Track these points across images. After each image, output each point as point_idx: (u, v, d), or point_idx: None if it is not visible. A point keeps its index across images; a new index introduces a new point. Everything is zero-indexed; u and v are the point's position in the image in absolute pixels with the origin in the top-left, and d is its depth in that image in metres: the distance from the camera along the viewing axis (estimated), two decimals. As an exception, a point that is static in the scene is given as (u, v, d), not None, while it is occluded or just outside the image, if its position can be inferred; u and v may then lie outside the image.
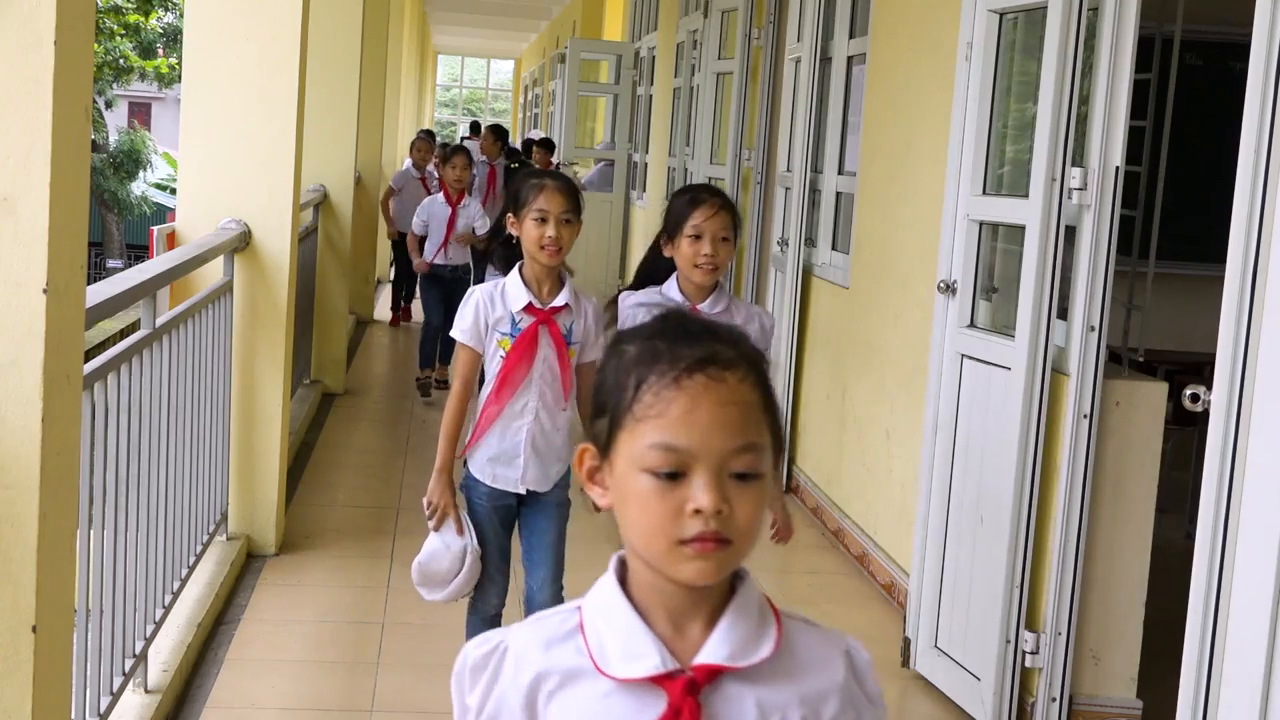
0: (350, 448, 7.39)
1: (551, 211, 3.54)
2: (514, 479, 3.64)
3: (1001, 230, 4.41)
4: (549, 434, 3.63)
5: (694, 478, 1.33)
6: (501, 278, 7.26)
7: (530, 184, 3.59)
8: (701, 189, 3.85)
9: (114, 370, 3.37)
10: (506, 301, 3.57)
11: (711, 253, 3.61)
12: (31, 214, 2.32)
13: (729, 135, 8.35)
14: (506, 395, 3.57)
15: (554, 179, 3.64)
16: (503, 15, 24.06)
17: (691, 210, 3.63)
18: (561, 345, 3.59)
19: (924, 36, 5.16)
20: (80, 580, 3.08)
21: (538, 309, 3.56)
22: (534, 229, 3.53)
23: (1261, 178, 2.80)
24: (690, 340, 1.39)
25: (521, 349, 3.54)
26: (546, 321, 3.56)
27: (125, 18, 26.38)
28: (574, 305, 3.63)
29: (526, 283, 3.58)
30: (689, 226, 3.62)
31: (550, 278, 3.60)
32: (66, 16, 2.33)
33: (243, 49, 5.10)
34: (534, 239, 3.53)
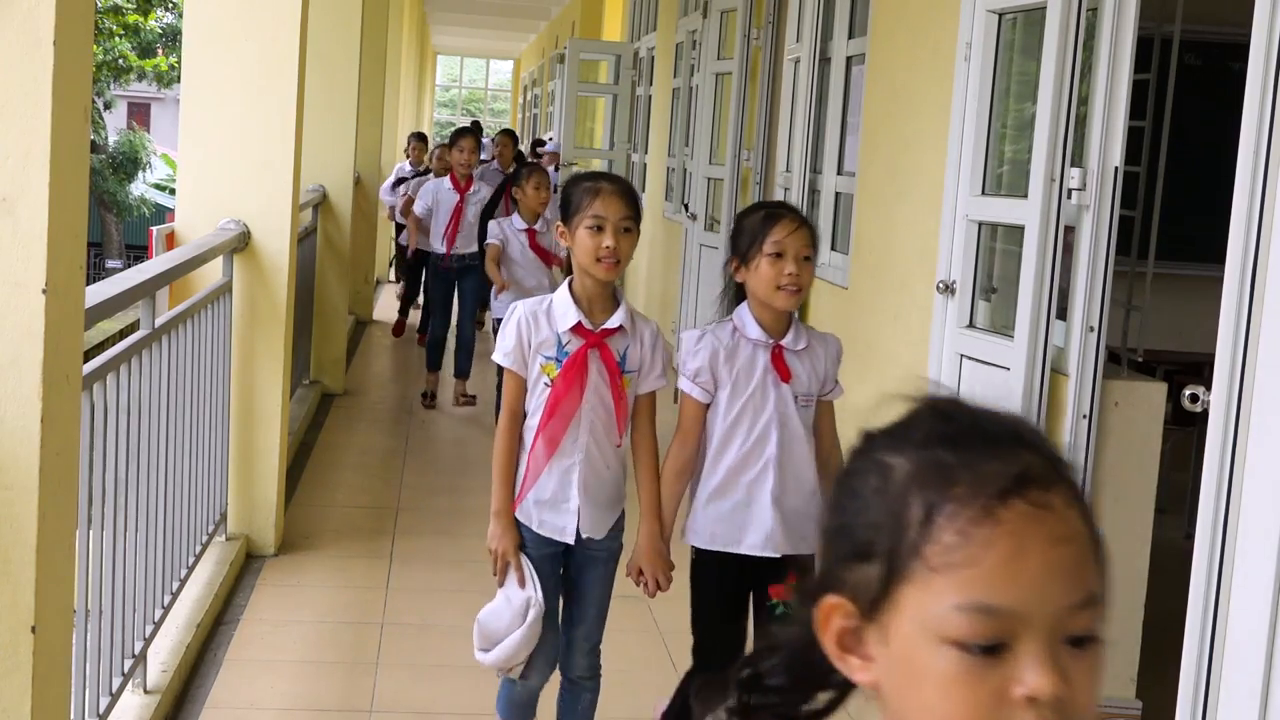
0: (349, 448, 7.39)
1: (609, 218, 3.14)
2: (564, 526, 3.23)
3: (1001, 230, 4.41)
4: (601, 474, 3.24)
5: (1021, 650, 0.95)
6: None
7: (583, 187, 3.22)
8: (776, 204, 3.48)
9: (113, 370, 3.37)
10: (552, 321, 3.17)
11: (796, 272, 3.20)
12: (31, 214, 2.32)
13: (728, 135, 8.35)
14: (556, 430, 3.18)
15: (610, 181, 3.27)
16: (502, 15, 24.05)
17: (770, 226, 3.23)
18: (615, 373, 3.20)
19: (923, 37, 5.16)
20: (79, 580, 3.08)
21: (588, 331, 3.16)
22: (588, 239, 3.14)
23: (1260, 177, 2.80)
24: (992, 447, 0.99)
25: (570, 377, 3.14)
26: (598, 345, 3.16)
27: (124, 18, 26.37)
28: (629, 328, 3.22)
29: (576, 300, 3.18)
30: (768, 244, 3.20)
31: (604, 295, 3.20)
32: (66, 17, 2.33)
33: (242, 49, 5.11)
34: (589, 250, 3.13)
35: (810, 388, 3.31)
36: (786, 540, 3.30)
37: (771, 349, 3.28)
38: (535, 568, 3.22)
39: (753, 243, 3.24)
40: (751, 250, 3.24)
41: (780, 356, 3.27)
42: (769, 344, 3.27)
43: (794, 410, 3.27)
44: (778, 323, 3.29)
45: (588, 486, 3.22)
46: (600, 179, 3.27)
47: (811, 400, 3.31)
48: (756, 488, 3.29)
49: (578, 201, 3.19)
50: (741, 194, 8.26)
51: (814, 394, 3.32)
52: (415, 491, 6.50)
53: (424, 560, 5.42)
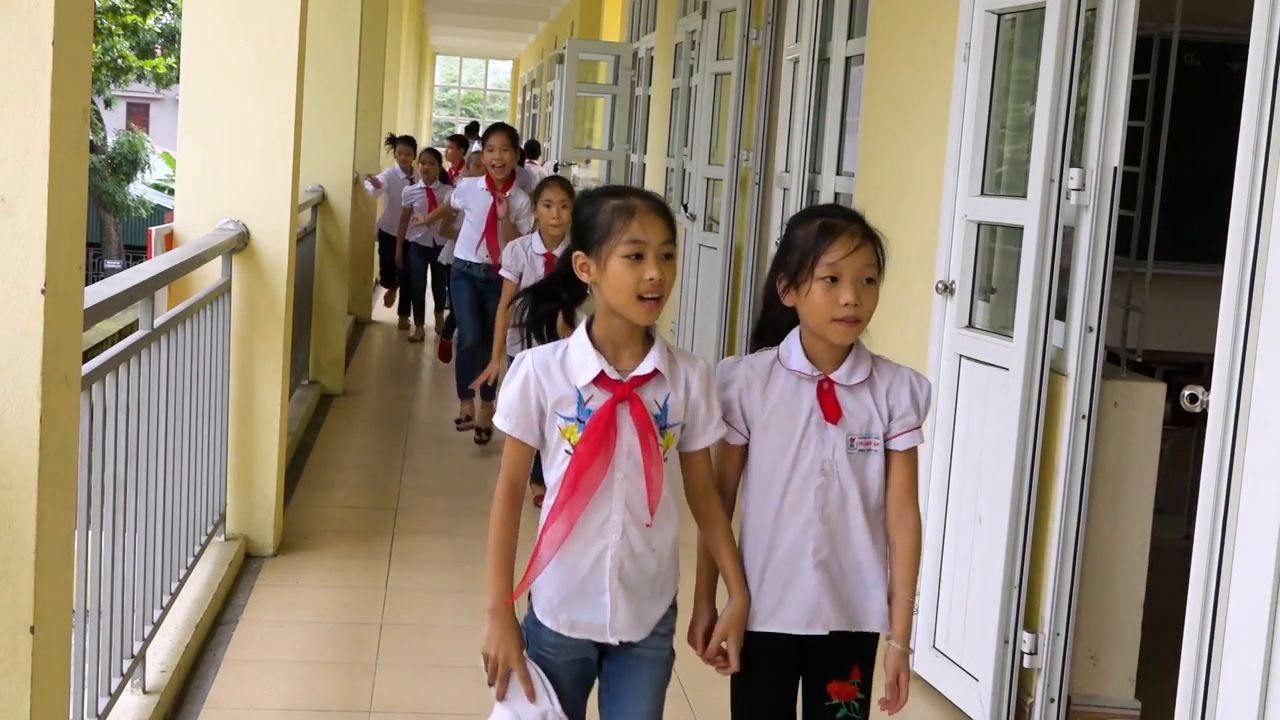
0: (348, 448, 7.39)
1: (650, 243, 2.53)
2: (598, 625, 2.61)
3: (1000, 231, 4.41)
4: (642, 559, 2.61)
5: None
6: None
7: (611, 206, 2.57)
8: (835, 212, 2.78)
9: (112, 371, 3.37)
10: (569, 373, 2.57)
11: (854, 300, 2.63)
12: (29, 214, 2.32)
13: (727, 136, 8.35)
14: (578, 508, 2.58)
15: (641, 196, 2.63)
16: (501, 16, 24.05)
17: (825, 242, 2.66)
18: (648, 430, 2.57)
19: (922, 37, 5.16)
20: (78, 581, 3.08)
21: (614, 381, 2.56)
22: (626, 271, 2.52)
23: (1260, 178, 2.80)
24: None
25: (595, 440, 2.54)
26: (627, 398, 2.56)
27: (123, 18, 26.38)
28: (667, 372, 2.60)
29: (597, 345, 2.58)
30: (821, 265, 2.64)
31: (632, 335, 2.59)
32: (64, 17, 2.32)
33: (241, 49, 5.10)
34: (628, 285, 2.51)
35: (870, 428, 2.71)
36: (837, 614, 2.73)
37: (819, 383, 2.71)
38: (555, 678, 2.64)
39: (803, 262, 2.67)
40: (802, 272, 2.67)
41: (830, 393, 2.71)
42: (815, 377, 2.71)
43: (843, 457, 2.70)
44: (831, 354, 2.72)
45: (624, 575, 2.60)
46: (629, 194, 2.62)
47: (872, 443, 2.72)
48: (797, 551, 2.72)
49: (607, 223, 2.56)
50: (740, 194, 8.26)
51: (875, 436, 2.71)
52: (414, 492, 6.50)
53: (423, 560, 5.42)
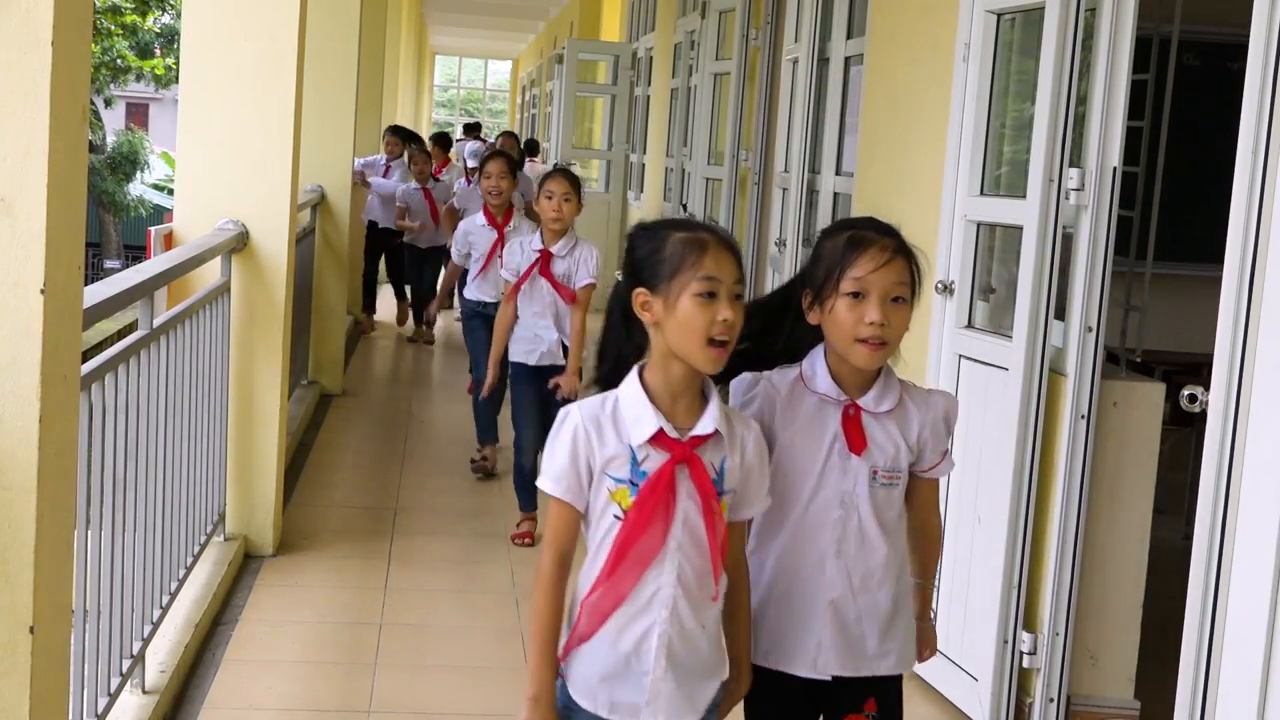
0: (348, 448, 7.39)
1: (724, 281, 2.28)
2: (638, 705, 2.35)
3: (999, 231, 4.41)
4: (692, 636, 2.34)
5: None
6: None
7: (680, 239, 2.31)
8: (867, 224, 2.54)
9: (111, 371, 3.37)
10: (621, 428, 2.31)
11: (880, 319, 2.40)
12: (29, 214, 2.32)
13: (726, 136, 8.35)
14: (629, 580, 2.32)
15: (711, 231, 2.36)
16: (500, 16, 24.06)
17: (852, 255, 2.44)
18: (710, 495, 2.31)
19: (922, 37, 5.16)
20: (78, 581, 3.08)
21: (674, 440, 2.30)
22: (699, 311, 2.26)
23: (1259, 178, 2.80)
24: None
25: (651, 506, 2.29)
26: (687, 459, 2.30)
27: (123, 18, 26.39)
28: (726, 432, 2.34)
29: (652, 396, 2.31)
30: (847, 279, 2.43)
31: (691, 387, 2.33)
32: (64, 17, 2.32)
33: (240, 50, 5.10)
34: (698, 327, 2.26)
35: (896, 461, 2.51)
36: (842, 659, 2.52)
37: (844, 408, 2.49)
38: None
39: (829, 276, 2.46)
40: (827, 286, 2.46)
41: (855, 420, 2.49)
42: (841, 401, 2.49)
43: (864, 490, 2.49)
44: (858, 377, 2.50)
45: (673, 653, 2.33)
46: (696, 227, 2.36)
47: (896, 477, 2.52)
48: (808, 587, 2.51)
49: (677, 258, 2.29)
50: (740, 194, 8.26)
51: (900, 469, 2.52)
52: (414, 492, 6.49)
53: (422, 561, 5.42)
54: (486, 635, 4.67)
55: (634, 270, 2.35)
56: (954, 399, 2.63)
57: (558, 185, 5.68)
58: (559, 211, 5.62)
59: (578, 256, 5.70)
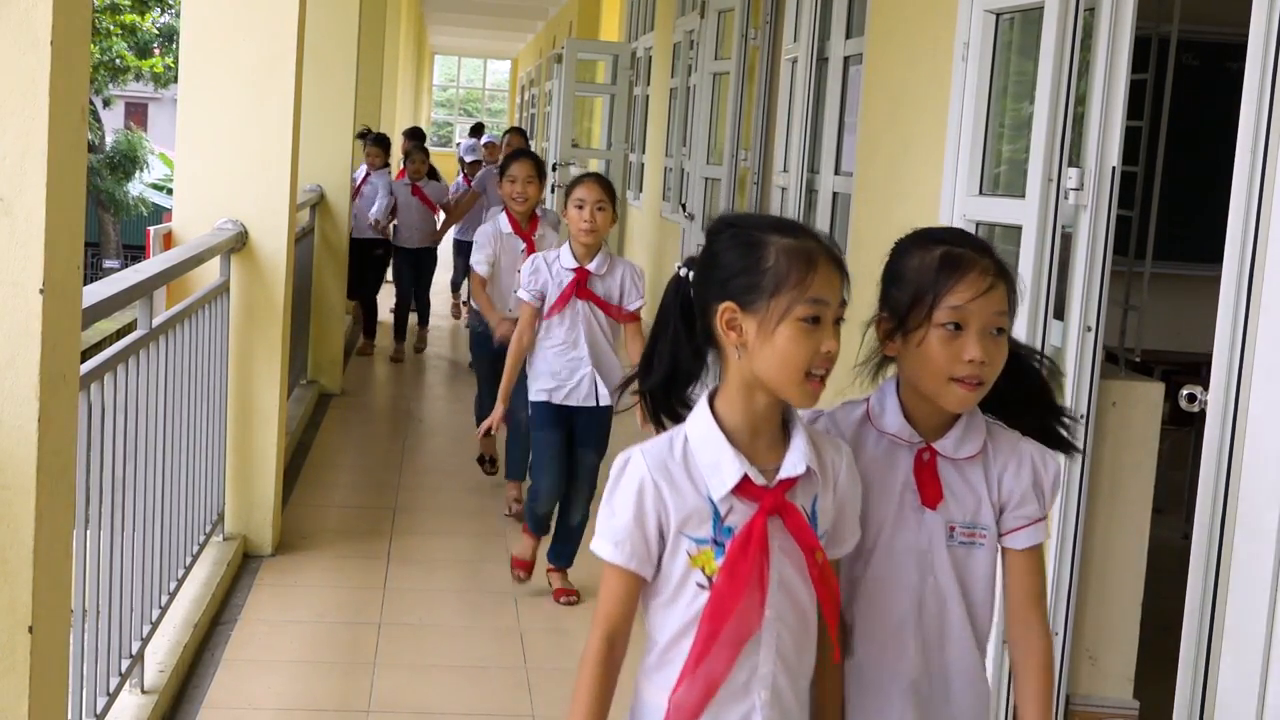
0: (347, 448, 7.39)
1: (831, 304, 1.91)
2: None
3: (998, 230, 4.41)
4: (791, 715, 2.00)
5: None
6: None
7: (786, 248, 1.91)
8: (958, 239, 2.12)
9: (111, 370, 3.37)
10: (697, 477, 1.92)
11: (980, 357, 2.00)
12: (28, 214, 2.32)
13: (725, 135, 8.36)
14: (724, 663, 1.92)
15: (816, 239, 1.97)
16: (499, 15, 24.06)
17: (950, 279, 2.02)
18: (811, 546, 1.94)
19: (920, 37, 5.16)
20: (77, 580, 3.08)
21: (760, 487, 1.91)
22: (802, 339, 1.88)
23: (1258, 178, 2.81)
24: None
25: (744, 570, 1.89)
26: (780, 509, 1.92)
27: (122, 17, 26.38)
28: (818, 467, 1.97)
29: (730, 433, 1.93)
30: (944, 308, 2.01)
31: (772, 419, 1.97)
32: (63, 17, 2.32)
33: (239, 49, 5.10)
34: (799, 359, 1.88)
35: (978, 516, 2.10)
36: None
37: (917, 453, 2.10)
38: None
39: (918, 301, 2.04)
40: (916, 314, 2.04)
41: (930, 466, 2.09)
42: (915, 444, 2.09)
43: (942, 549, 2.09)
44: (938, 418, 2.10)
45: None
46: (799, 232, 1.96)
47: (978, 535, 2.10)
48: (882, 666, 2.11)
49: (782, 271, 1.89)
50: (739, 194, 8.26)
51: (983, 525, 2.10)
52: (413, 492, 6.50)
53: (421, 560, 5.42)
54: (485, 635, 4.67)
55: (719, 279, 1.94)
56: (1048, 453, 2.14)
57: (589, 192, 4.79)
58: (591, 223, 4.77)
59: (620, 275, 4.88)
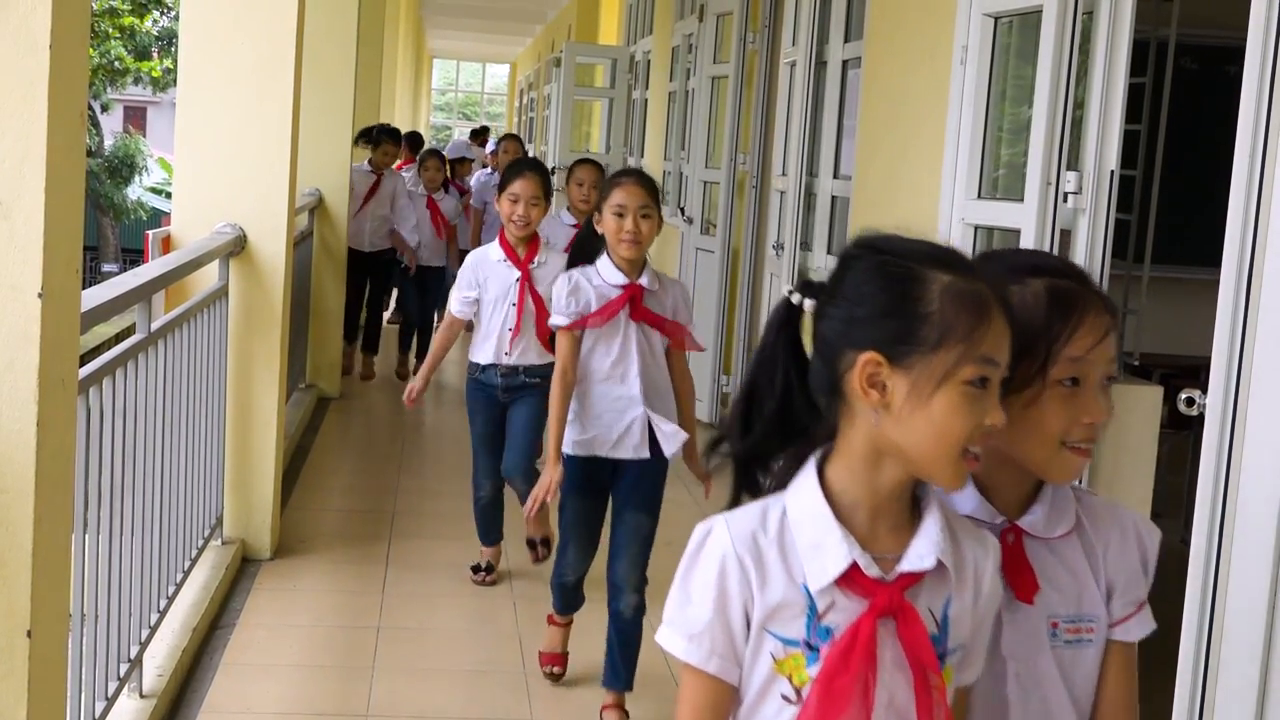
0: (345, 452, 7.39)
1: (1001, 365, 1.52)
2: None
3: (997, 234, 4.41)
4: None
5: None
6: None
7: (957, 292, 1.50)
8: (1058, 268, 1.72)
9: (109, 375, 3.37)
10: (792, 560, 1.53)
11: (1102, 417, 1.68)
12: (26, 218, 2.32)
13: (724, 139, 8.35)
14: None
15: (981, 278, 1.54)
16: (498, 19, 24.06)
17: (1067, 322, 1.64)
18: (928, 664, 1.53)
19: (919, 40, 5.16)
20: (75, 584, 3.07)
21: (874, 580, 1.52)
22: (965, 408, 1.49)
23: (1256, 181, 2.81)
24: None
25: (843, 685, 1.51)
26: (895, 611, 1.52)
27: (120, 20, 26.38)
28: (953, 558, 1.56)
29: (841, 510, 1.54)
30: (1063, 360, 1.63)
31: (900, 496, 1.57)
32: (62, 20, 2.32)
33: (238, 52, 5.10)
34: (957, 434, 1.50)
35: (1082, 606, 1.72)
36: None
37: (1001, 535, 1.69)
38: None
39: (1028, 352, 1.61)
40: (1023, 368, 1.61)
41: (1018, 550, 1.70)
42: (997, 525, 1.70)
43: (1045, 651, 1.71)
44: (1018, 489, 1.72)
45: None
46: (961, 266, 1.54)
47: (1087, 630, 1.72)
48: None
49: (948, 320, 1.49)
50: (737, 197, 8.26)
51: (1092, 617, 1.72)
52: (411, 495, 6.49)
53: (420, 564, 5.42)
54: (485, 639, 4.67)
55: (859, 318, 1.52)
56: (1148, 521, 1.79)
57: (631, 196, 3.84)
58: (635, 233, 3.83)
59: (671, 295, 3.98)
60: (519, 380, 4.95)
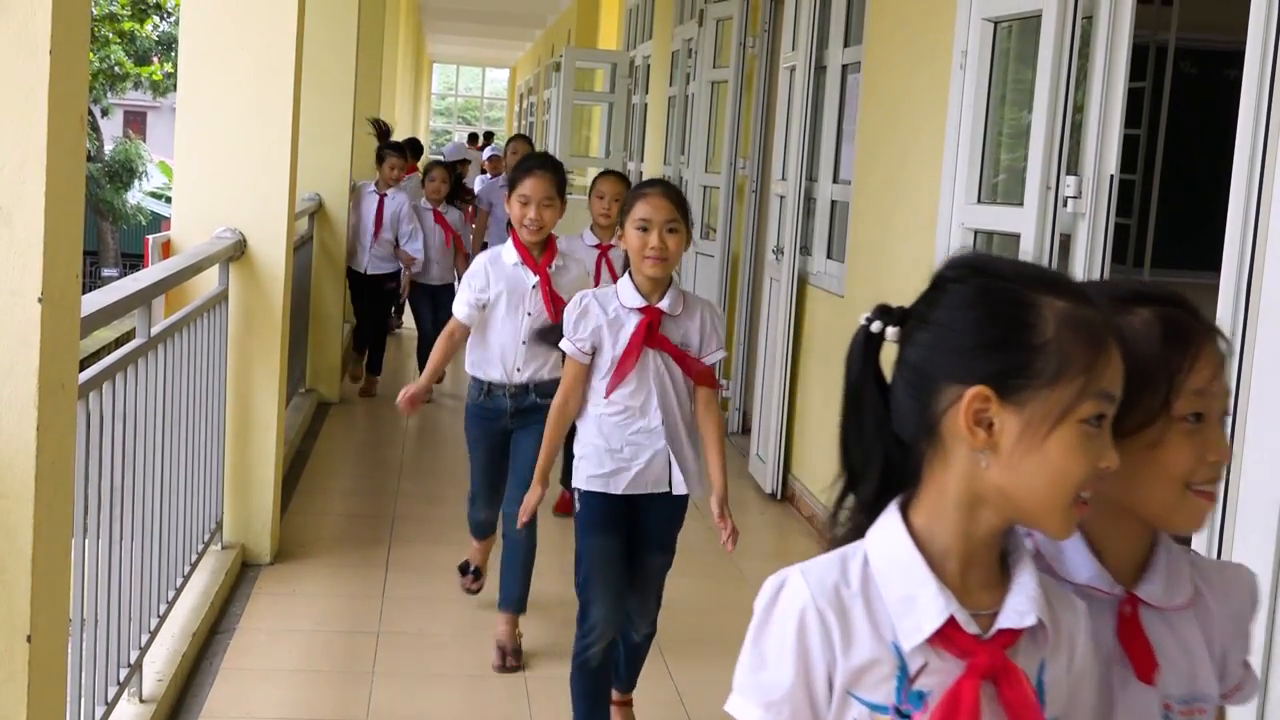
0: (345, 456, 7.38)
1: (1117, 399, 1.40)
2: None
3: (996, 238, 4.42)
4: None
5: None
6: None
7: (1064, 318, 1.36)
8: (1170, 300, 1.55)
9: (109, 379, 3.37)
10: (879, 615, 1.38)
11: (1227, 455, 1.54)
12: (26, 223, 2.32)
13: (724, 144, 8.36)
14: None
15: (1094, 304, 1.41)
16: (498, 24, 24.08)
17: (1188, 355, 1.50)
18: None
19: (919, 45, 5.17)
20: (75, 589, 3.07)
21: (971, 638, 1.37)
22: (1084, 450, 1.35)
23: (1256, 185, 2.81)
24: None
25: None
26: (997, 673, 1.37)
27: (120, 25, 26.41)
28: (1049, 617, 1.41)
29: (933, 558, 1.39)
30: (1187, 395, 1.48)
31: (996, 547, 1.43)
32: (62, 25, 2.32)
33: (238, 57, 5.10)
34: (1073, 479, 1.36)
35: (1198, 684, 1.57)
36: None
37: (1119, 606, 1.54)
38: None
39: (1148, 387, 1.48)
40: (1148, 402, 1.48)
41: (1134, 624, 1.54)
42: (1115, 595, 1.53)
43: None
44: (1130, 554, 1.56)
45: None
46: (1073, 294, 1.39)
47: (1200, 710, 1.57)
48: None
49: (1065, 352, 1.35)
50: (737, 202, 8.27)
51: (1205, 697, 1.57)
52: (411, 500, 6.49)
53: (420, 569, 5.41)
54: (485, 643, 4.66)
55: (961, 348, 1.37)
56: (1255, 577, 1.65)
57: (655, 210, 3.54)
58: (660, 250, 3.52)
59: (699, 317, 3.62)
60: (529, 401, 4.49)
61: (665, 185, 3.65)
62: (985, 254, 1.47)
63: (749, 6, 8.15)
